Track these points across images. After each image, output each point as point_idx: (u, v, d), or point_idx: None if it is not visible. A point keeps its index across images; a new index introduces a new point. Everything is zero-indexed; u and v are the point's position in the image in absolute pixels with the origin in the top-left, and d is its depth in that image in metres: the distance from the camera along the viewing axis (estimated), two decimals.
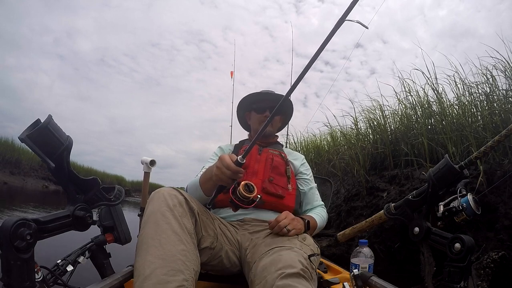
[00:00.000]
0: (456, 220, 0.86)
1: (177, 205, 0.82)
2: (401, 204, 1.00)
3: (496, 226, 1.61)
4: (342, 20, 0.79)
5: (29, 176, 12.57)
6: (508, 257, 1.48)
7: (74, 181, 0.78)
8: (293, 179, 1.28)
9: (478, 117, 2.09)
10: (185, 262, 0.73)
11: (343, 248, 2.39)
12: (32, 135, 0.68)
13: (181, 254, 0.73)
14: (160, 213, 0.78)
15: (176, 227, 0.77)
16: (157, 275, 0.67)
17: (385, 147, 2.62)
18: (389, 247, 2.13)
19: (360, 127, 3.23)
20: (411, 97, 2.65)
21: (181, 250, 0.74)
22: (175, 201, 0.82)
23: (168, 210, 0.79)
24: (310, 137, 4.53)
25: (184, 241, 0.77)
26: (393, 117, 2.89)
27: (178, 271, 0.70)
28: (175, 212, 0.80)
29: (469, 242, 0.76)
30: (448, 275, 0.77)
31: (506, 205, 1.62)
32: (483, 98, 2.11)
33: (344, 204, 2.73)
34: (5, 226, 0.61)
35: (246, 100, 1.42)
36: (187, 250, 0.76)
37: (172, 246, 0.74)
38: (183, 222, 0.80)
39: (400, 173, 2.34)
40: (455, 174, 0.88)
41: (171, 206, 0.80)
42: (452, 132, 2.04)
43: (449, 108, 2.36)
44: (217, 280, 1.09)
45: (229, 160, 0.86)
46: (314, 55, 0.81)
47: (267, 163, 1.24)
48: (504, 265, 1.47)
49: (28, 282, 0.63)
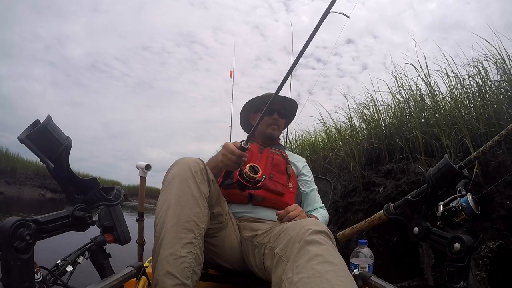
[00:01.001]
0: (456, 220, 0.87)
1: (198, 172, 0.91)
2: (400, 204, 1.00)
3: (492, 216, 1.64)
4: (327, 12, 0.85)
5: (25, 185, 12.37)
6: (505, 246, 1.51)
7: (74, 181, 0.77)
8: (294, 178, 1.29)
9: (471, 108, 2.13)
10: (198, 223, 0.84)
11: (342, 244, 2.41)
12: (31, 135, 0.68)
13: (196, 216, 0.85)
14: (184, 177, 0.89)
15: (196, 191, 0.88)
16: (175, 231, 0.81)
17: (379, 142, 2.64)
18: (388, 240, 2.15)
19: (354, 122, 3.26)
20: (404, 91, 2.69)
21: (196, 212, 0.85)
22: (197, 168, 0.91)
23: (191, 176, 0.89)
24: (305, 135, 4.55)
25: (200, 205, 0.87)
26: (386, 112, 2.92)
27: (190, 231, 0.82)
28: (196, 178, 0.89)
29: (468, 242, 0.77)
30: (447, 275, 0.78)
31: (501, 194, 1.65)
32: (475, 90, 2.15)
33: (341, 200, 2.75)
34: (5, 227, 0.60)
35: (255, 101, 1.41)
36: (201, 213, 0.87)
37: (190, 208, 0.85)
38: (201, 188, 0.89)
39: (396, 167, 2.37)
40: (455, 174, 0.88)
41: (193, 172, 0.90)
42: (446, 124, 2.07)
43: (442, 101, 2.40)
44: (217, 280, 1.08)
45: (233, 146, 0.96)
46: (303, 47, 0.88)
47: (267, 160, 1.25)
48: (502, 254, 1.49)
49: (28, 282, 0.62)
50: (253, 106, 1.42)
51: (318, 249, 0.68)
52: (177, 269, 0.76)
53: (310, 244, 0.70)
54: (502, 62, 2.00)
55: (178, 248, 0.79)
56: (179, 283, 0.75)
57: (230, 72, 3.22)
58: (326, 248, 0.70)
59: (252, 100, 1.40)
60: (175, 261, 0.77)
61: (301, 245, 0.70)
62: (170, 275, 0.75)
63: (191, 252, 0.80)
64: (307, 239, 0.71)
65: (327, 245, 0.71)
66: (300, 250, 0.70)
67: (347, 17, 0.88)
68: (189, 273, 0.78)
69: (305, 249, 0.69)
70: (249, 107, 1.43)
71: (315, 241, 0.70)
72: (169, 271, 0.76)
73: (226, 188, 1.17)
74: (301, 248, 0.70)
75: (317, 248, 0.69)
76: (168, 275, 0.75)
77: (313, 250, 0.68)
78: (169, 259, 0.77)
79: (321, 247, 0.69)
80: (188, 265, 0.79)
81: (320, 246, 0.69)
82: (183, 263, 0.78)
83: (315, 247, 0.69)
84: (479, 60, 2.15)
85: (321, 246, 0.69)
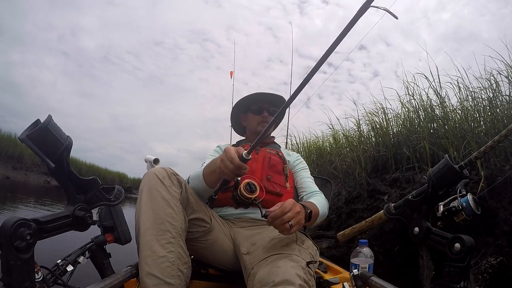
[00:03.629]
0: (456, 220, 0.86)
1: (166, 177, 0.93)
2: (401, 204, 0.99)
3: (495, 232, 1.61)
4: (366, 6, 0.70)
5: (31, 171, 12.66)
6: (507, 263, 1.47)
7: (74, 181, 0.78)
8: (291, 178, 1.29)
9: (480, 122, 2.08)
10: (172, 223, 0.86)
11: (342, 250, 2.39)
12: (32, 135, 0.69)
13: (169, 217, 0.86)
14: (152, 184, 0.91)
15: (165, 194, 0.89)
16: (150, 234, 0.83)
17: (387, 150, 2.61)
18: (389, 250, 2.12)
19: (363, 129, 3.22)
20: (414, 100, 2.64)
21: (169, 213, 0.87)
22: (164, 174, 0.93)
23: (158, 181, 0.91)
24: (313, 138, 4.52)
25: (172, 205, 0.88)
26: (395, 121, 2.87)
27: (166, 231, 0.84)
28: (164, 182, 0.91)
29: (469, 242, 0.76)
30: (448, 275, 0.77)
31: (506, 211, 1.61)
32: (486, 103, 2.10)
33: (345, 206, 2.72)
34: (5, 226, 0.61)
35: (241, 103, 1.41)
36: (174, 213, 0.88)
37: (162, 210, 0.86)
38: (170, 190, 0.91)
39: (402, 177, 2.33)
40: (455, 174, 0.87)
41: (160, 178, 0.92)
42: (455, 137, 2.03)
43: (452, 112, 2.35)
44: (217, 280, 1.09)
45: (234, 154, 0.86)
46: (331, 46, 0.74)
47: (264, 161, 1.24)
48: (502, 271, 1.46)
49: (28, 282, 0.63)
50: (242, 107, 1.42)
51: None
52: (157, 269, 0.78)
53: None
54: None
55: (157, 249, 0.80)
56: (161, 283, 0.77)
57: (231, 72, 3.23)
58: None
59: (240, 101, 1.41)
60: (154, 262, 0.79)
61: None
62: (150, 275, 0.77)
63: (172, 252, 0.82)
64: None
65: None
66: None
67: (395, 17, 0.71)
68: (173, 272, 0.79)
69: None
70: (238, 108, 1.43)
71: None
72: (149, 272, 0.78)
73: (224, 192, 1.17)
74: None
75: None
76: (149, 276, 0.77)
77: None
78: (147, 260, 0.79)
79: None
80: (171, 264, 0.80)
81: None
82: (164, 263, 0.79)
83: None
84: (491, 74, 2.10)
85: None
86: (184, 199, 0.96)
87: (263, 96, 1.37)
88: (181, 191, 0.95)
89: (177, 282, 0.79)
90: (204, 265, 1.08)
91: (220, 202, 1.18)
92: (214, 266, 1.07)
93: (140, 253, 0.82)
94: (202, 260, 1.06)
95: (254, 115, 1.37)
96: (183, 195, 0.95)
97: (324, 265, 1.33)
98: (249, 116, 1.39)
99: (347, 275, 1.16)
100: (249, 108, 1.39)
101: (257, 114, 1.35)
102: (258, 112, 1.35)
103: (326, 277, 1.19)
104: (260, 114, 1.35)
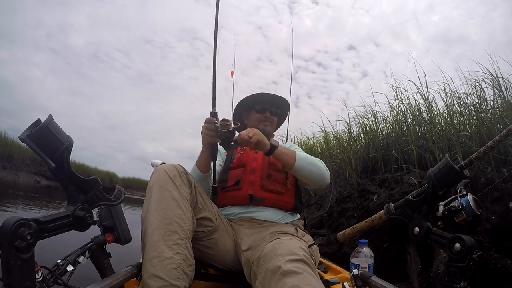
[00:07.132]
0: (456, 220, 0.87)
1: (177, 176, 0.93)
2: (401, 204, 0.99)
3: (477, 229, 1.69)
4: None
5: (21, 171, 12.22)
6: (486, 257, 1.55)
7: (75, 181, 0.77)
8: (291, 175, 1.29)
9: (466, 126, 2.17)
10: (181, 224, 0.86)
11: (335, 247, 2.44)
12: (32, 135, 0.68)
13: (178, 218, 0.86)
14: (163, 182, 0.90)
15: (175, 194, 0.89)
16: (158, 234, 0.82)
17: (376, 151, 2.67)
18: (379, 246, 2.18)
19: (353, 131, 3.29)
20: (403, 104, 2.72)
21: (178, 214, 0.87)
22: (175, 173, 0.93)
23: (169, 180, 0.91)
24: (304, 139, 4.57)
25: (182, 206, 0.88)
26: (384, 123, 2.95)
27: (174, 232, 0.83)
28: (175, 182, 0.91)
29: (469, 242, 0.76)
30: (448, 275, 0.77)
31: (488, 210, 1.70)
32: (471, 108, 2.19)
33: (336, 206, 2.78)
34: (5, 226, 0.60)
35: (247, 100, 1.45)
36: (184, 214, 0.88)
37: (171, 211, 0.86)
38: (181, 190, 0.91)
39: (390, 177, 2.40)
40: (455, 174, 0.86)
41: (171, 177, 0.92)
42: (440, 140, 2.11)
43: (439, 116, 2.43)
44: (217, 280, 1.10)
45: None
46: None
47: (264, 160, 1.26)
48: (482, 264, 1.54)
49: (28, 282, 0.62)
50: (246, 105, 1.46)
51: (294, 280, 0.70)
52: (163, 270, 0.77)
53: (286, 276, 0.71)
54: (497, 83, 2.04)
55: (163, 250, 0.80)
56: (166, 284, 0.76)
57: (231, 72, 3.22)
58: (303, 277, 0.71)
59: (244, 100, 1.45)
60: (160, 263, 0.78)
61: (277, 278, 0.72)
62: (155, 277, 0.76)
63: (178, 253, 0.81)
64: (283, 271, 0.72)
65: (304, 274, 0.72)
66: (277, 284, 0.71)
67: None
68: (178, 274, 0.79)
69: (281, 281, 0.71)
70: (242, 105, 1.48)
71: (291, 271, 0.72)
72: (154, 274, 0.77)
73: (225, 191, 1.18)
74: (278, 281, 0.72)
75: (293, 279, 0.70)
76: (154, 278, 0.76)
77: (289, 282, 0.70)
78: (153, 262, 0.78)
79: (298, 277, 0.71)
80: (177, 266, 0.79)
81: (296, 276, 0.71)
82: (170, 264, 0.79)
83: (291, 279, 0.71)
84: (477, 80, 2.19)
85: (298, 276, 0.71)
86: (194, 199, 0.96)
87: (267, 97, 1.43)
88: (191, 191, 0.95)
89: (182, 284, 0.79)
90: (205, 265, 1.08)
91: (221, 202, 1.19)
92: (214, 266, 1.08)
93: (145, 253, 0.81)
94: (204, 259, 1.06)
95: (256, 114, 1.41)
96: (192, 195, 0.95)
97: (324, 265, 1.34)
98: (252, 114, 1.43)
99: (347, 275, 1.17)
100: (253, 107, 1.43)
101: (260, 113, 1.40)
102: (261, 111, 1.40)
103: (326, 277, 1.19)
104: (263, 113, 1.40)
